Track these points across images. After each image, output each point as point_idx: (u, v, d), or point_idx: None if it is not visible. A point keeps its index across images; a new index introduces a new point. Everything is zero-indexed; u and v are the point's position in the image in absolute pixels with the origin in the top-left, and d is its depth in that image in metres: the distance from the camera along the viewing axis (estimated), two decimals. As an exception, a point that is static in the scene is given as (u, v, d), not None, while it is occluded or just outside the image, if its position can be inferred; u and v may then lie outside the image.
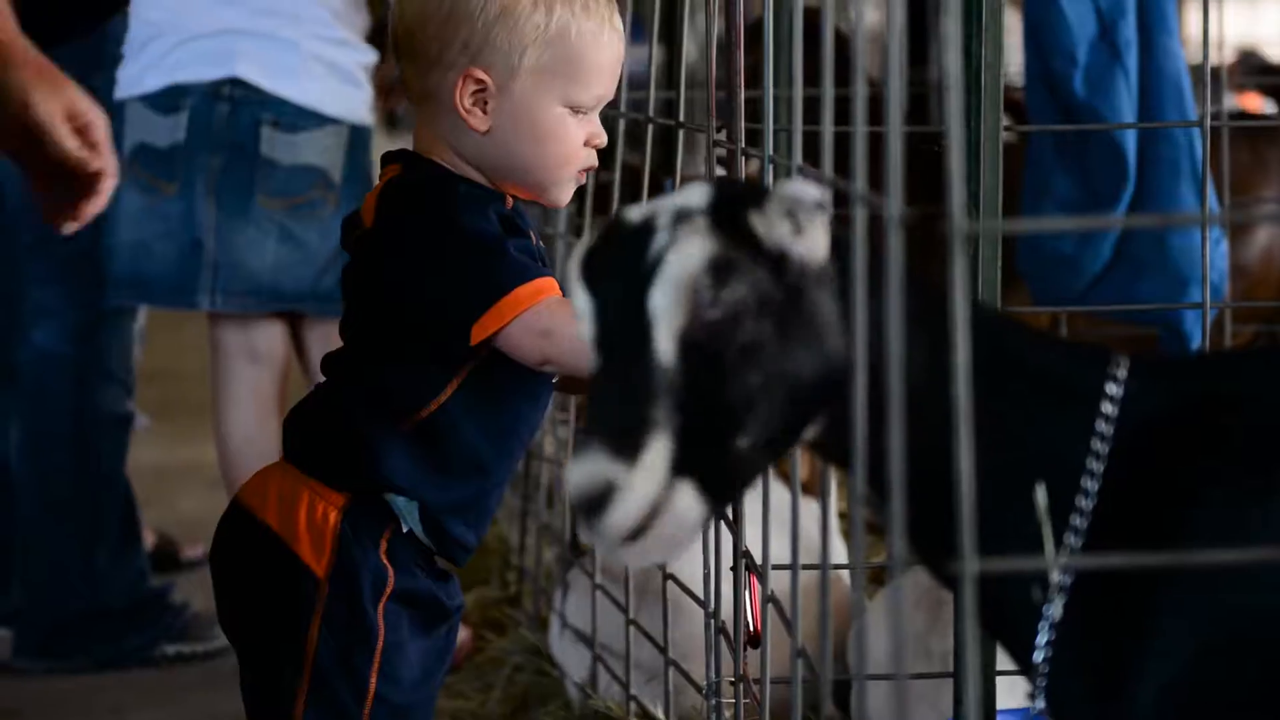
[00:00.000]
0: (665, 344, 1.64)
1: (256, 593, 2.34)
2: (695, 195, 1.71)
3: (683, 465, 1.62)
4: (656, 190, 3.49)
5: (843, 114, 1.90)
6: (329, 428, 2.36)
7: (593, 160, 2.37)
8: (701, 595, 3.03)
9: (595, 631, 3.60)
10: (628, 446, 1.61)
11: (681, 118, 3.17)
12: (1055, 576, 1.73)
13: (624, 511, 1.61)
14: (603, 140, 2.37)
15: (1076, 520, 1.74)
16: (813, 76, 1.82)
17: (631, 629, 3.41)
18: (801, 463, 2.15)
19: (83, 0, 4.13)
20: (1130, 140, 3.49)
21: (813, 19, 2.19)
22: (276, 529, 2.32)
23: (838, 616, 3.41)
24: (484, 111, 2.32)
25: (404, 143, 2.54)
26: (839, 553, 3.56)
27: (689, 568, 3.26)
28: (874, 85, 1.49)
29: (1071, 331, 3.99)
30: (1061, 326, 3.94)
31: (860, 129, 1.60)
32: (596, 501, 1.60)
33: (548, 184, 2.36)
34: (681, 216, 1.68)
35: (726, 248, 1.65)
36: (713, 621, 2.98)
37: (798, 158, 2.04)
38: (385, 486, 2.32)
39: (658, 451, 1.61)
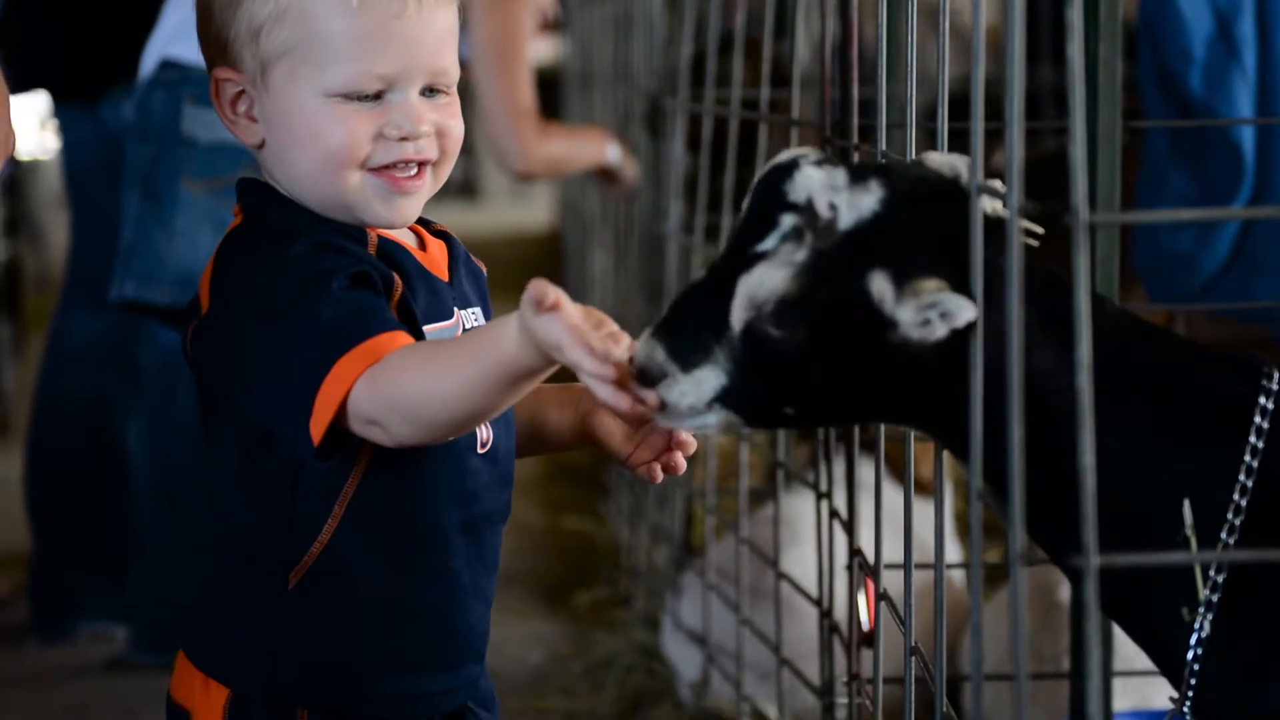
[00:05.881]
0: (738, 312, 1.78)
1: None
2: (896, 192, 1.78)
3: (725, 400, 1.78)
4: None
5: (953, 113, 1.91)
6: (198, 596, 1.97)
7: (397, 154, 1.89)
8: (814, 595, 3.03)
9: (708, 632, 3.61)
10: (686, 354, 1.77)
11: (796, 115, 3.18)
12: (1203, 594, 1.72)
13: (669, 395, 1.78)
14: (409, 129, 1.88)
15: (1225, 536, 1.72)
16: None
17: (744, 629, 3.41)
18: (916, 461, 2.14)
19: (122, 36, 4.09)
20: (1248, 137, 3.45)
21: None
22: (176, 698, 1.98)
23: (951, 616, 3.39)
24: (251, 119, 1.92)
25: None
26: (953, 552, 3.54)
27: (801, 567, 3.25)
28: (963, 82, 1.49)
29: (1188, 330, 3.95)
30: (1178, 325, 3.91)
31: (978, 124, 1.59)
32: (650, 378, 1.78)
33: (335, 198, 1.88)
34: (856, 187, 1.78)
35: (805, 285, 1.75)
36: (826, 621, 2.97)
37: (912, 153, 2.04)
38: (267, 692, 1.91)
39: (707, 378, 1.78)
